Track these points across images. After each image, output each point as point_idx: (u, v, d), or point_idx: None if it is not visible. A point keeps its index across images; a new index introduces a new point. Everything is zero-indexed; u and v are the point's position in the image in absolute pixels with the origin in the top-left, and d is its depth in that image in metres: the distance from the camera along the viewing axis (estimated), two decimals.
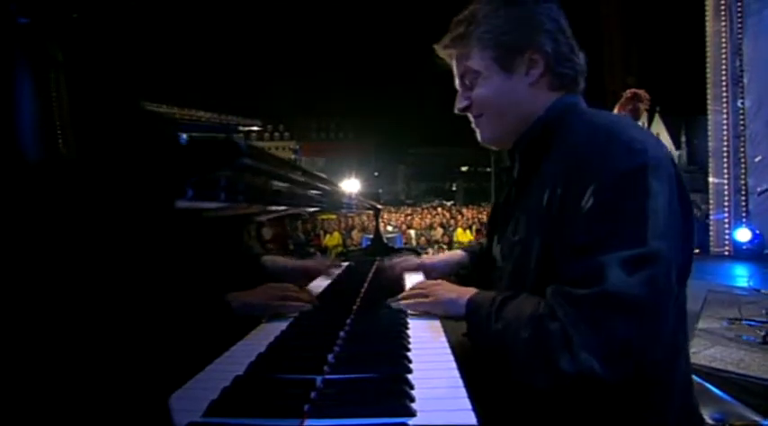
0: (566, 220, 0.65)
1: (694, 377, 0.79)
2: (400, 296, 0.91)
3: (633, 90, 3.34)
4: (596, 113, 0.75)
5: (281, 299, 0.88)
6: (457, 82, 0.84)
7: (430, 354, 0.66)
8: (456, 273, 1.15)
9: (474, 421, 0.46)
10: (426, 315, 0.86)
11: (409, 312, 0.87)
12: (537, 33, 0.76)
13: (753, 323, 3.02)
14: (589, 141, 0.67)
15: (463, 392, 0.53)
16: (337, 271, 1.29)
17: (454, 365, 0.62)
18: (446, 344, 0.71)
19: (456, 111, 0.85)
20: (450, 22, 0.84)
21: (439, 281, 0.93)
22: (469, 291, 0.82)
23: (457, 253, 1.20)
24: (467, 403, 0.50)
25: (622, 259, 0.59)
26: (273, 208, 0.83)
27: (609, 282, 0.58)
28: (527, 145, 0.80)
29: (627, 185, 0.61)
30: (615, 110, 3.29)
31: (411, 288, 0.93)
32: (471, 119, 0.84)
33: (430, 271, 1.18)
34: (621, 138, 0.64)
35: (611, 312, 0.58)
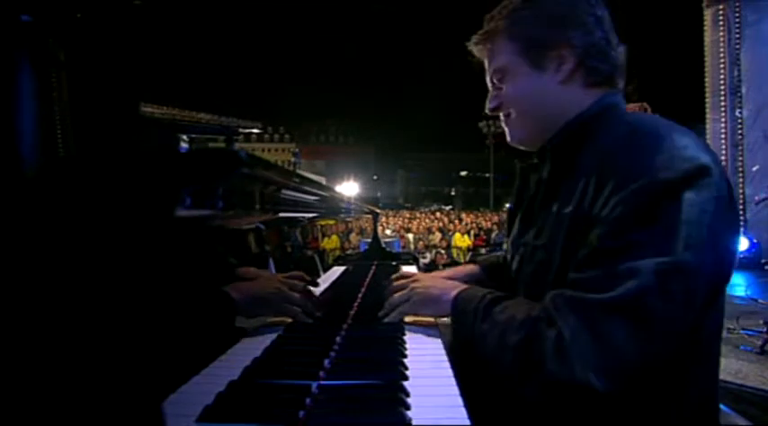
0: (594, 224, 0.62)
1: None
2: (385, 307, 0.86)
3: (645, 104, 3.45)
4: (641, 116, 0.73)
5: (285, 300, 0.84)
6: (488, 81, 0.81)
7: (426, 361, 0.66)
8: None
9: None
10: (422, 319, 0.85)
11: (405, 318, 0.86)
12: (569, 28, 0.72)
13: (750, 332, 3.03)
14: (631, 144, 0.64)
15: (459, 400, 0.52)
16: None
17: (450, 373, 0.62)
18: (443, 351, 0.71)
19: (486, 112, 0.82)
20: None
21: (417, 277, 0.88)
22: (456, 286, 0.79)
23: (466, 268, 1.07)
24: (462, 412, 0.49)
25: (649, 267, 0.56)
26: (272, 216, 0.83)
27: (626, 288, 0.56)
28: (562, 143, 0.75)
29: (665, 194, 0.59)
30: None
31: (392, 289, 0.88)
32: (501, 118, 0.81)
33: None
34: (666, 144, 0.61)
35: (619, 320, 0.56)
